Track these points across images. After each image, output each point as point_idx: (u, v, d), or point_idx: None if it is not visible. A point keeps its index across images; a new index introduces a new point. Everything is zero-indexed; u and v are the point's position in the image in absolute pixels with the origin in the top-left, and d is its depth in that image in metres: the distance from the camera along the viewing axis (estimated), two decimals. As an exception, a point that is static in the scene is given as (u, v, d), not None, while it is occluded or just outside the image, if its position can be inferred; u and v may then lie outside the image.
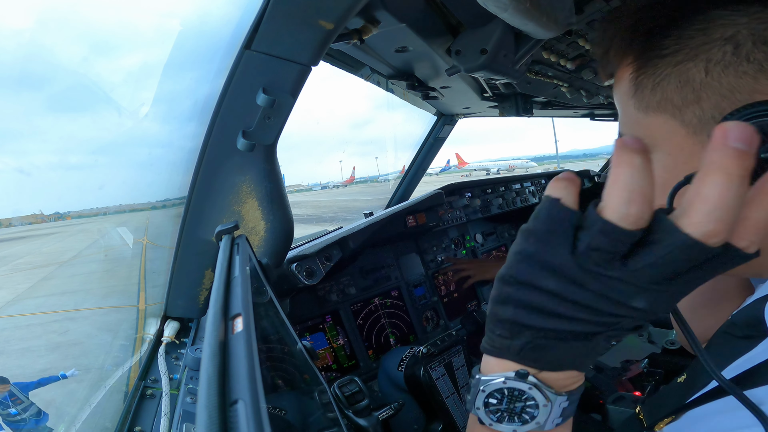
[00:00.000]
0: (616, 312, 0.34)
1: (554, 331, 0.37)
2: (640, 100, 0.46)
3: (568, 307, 0.35)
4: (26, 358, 3.93)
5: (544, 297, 0.36)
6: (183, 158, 0.93)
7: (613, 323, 0.35)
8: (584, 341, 0.37)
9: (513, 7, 0.66)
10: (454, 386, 1.25)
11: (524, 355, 0.39)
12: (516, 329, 0.39)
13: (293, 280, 1.15)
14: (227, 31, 0.80)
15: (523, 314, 0.38)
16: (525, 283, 0.37)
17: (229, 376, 0.30)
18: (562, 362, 0.39)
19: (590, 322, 0.36)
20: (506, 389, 0.40)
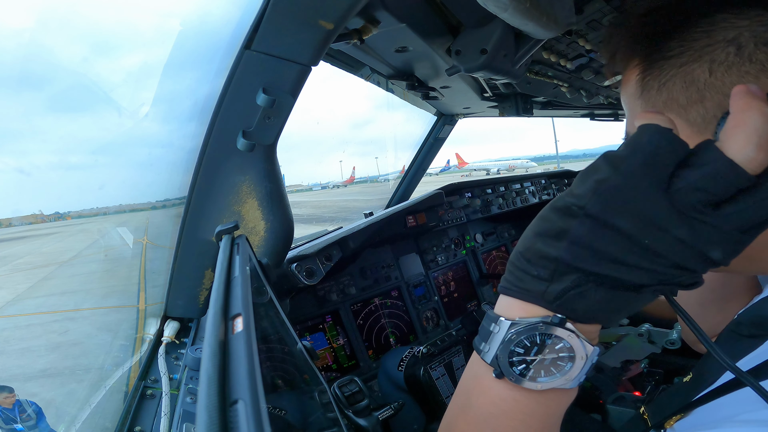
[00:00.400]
0: (686, 264, 0.32)
1: (608, 278, 0.34)
2: (647, 100, 0.47)
3: (637, 253, 0.33)
4: (26, 358, 3.93)
5: (614, 238, 0.33)
6: (183, 158, 0.93)
7: (675, 276, 0.33)
8: (633, 293, 0.34)
9: (513, 7, 0.66)
10: (454, 386, 1.25)
11: (562, 303, 0.36)
12: (562, 270, 0.35)
13: (293, 280, 1.15)
14: (227, 31, 0.80)
15: (579, 254, 0.34)
16: (595, 218, 0.33)
17: (229, 376, 0.30)
18: (597, 314, 0.36)
19: (653, 272, 0.33)
20: (539, 336, 0.36)
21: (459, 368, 1.29)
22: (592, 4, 1.02)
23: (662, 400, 0.59)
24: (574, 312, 0.36)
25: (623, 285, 0.34)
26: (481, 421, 0.41)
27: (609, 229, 0.33)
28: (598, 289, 0.35)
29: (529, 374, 0.37)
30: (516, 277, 0.39)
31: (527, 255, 0.38)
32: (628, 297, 0.35)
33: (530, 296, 0.37)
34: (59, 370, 3.55)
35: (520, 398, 0.39)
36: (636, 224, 0.32)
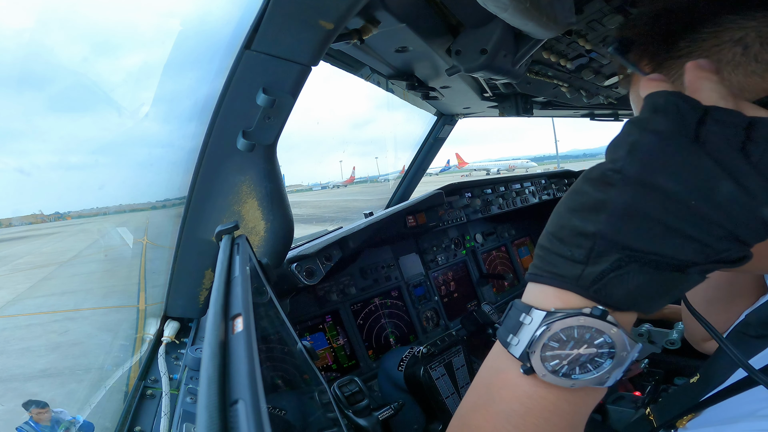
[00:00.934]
0: (738, 227, 0.30)
1: (654, 256, 0.31)
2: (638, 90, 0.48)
3: (686, 218, 0.30)
4: (26, 358, 3.93)
5: (660, 202, 0.31)
6: (183, 158, 0.93)
7: (724, 249, 0.31)
8: (679, 273, 0.32)
9: (513, 7, 0.66)
10: (454, 386, 1.25)
11: (600, 288, 0.33)
12: (600, 249, 0.32)
13: (293, 280, 1.15)
14: (227, 31, 0.80)
15: (621, 227, 0.31)
16: (636, 181, 0.31)
17: (230, 376, 0.30)
18: (638, 300, 0.33)
19: (704, 244, 0.31)
20: (577, 329, 0.33)
21: (459, 368, 1.29)
22: (592, 4, 1.02)
23: (668, 401, 0.59)
24: (612, 298, 0.33)
25: (670, 264, 0.31)
26: (503, 418, 0.38)
27: (653, 191, 0.31)
28: (642, 270, 0.32)
29: (563, 371, 0.35)
30: (547, 261, 0.36)
31: (560, 234, 0.35)
32: (674, 279, 0.32)
33: (564, 282, 0.34)
34: (59, 370, 3.55)
35: (549, 396, 0.36)
36: (680, 182, 0.30)
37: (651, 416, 0.61)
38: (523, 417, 0.37)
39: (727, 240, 0.31)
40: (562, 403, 0.37)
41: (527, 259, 2.39)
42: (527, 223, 2.47)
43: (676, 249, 0.31)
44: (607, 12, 1.08)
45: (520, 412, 0.38)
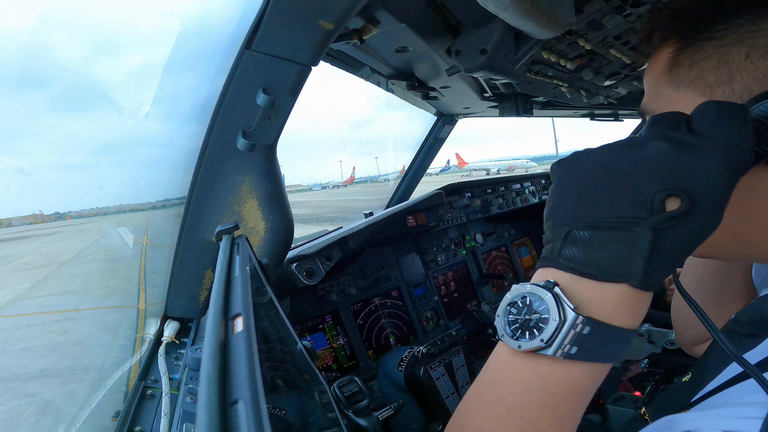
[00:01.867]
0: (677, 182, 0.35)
1: (591, 218, 0.37)
2: (674, 77, 0.49)
3: (609, 179, 0.37)
4: (26, 358, 3.93)
5: (582, 172, 0.39)
6: (183, 158, 0.93)
7: (655, 202, 0.35)
8: (623, 232, 0.36)
9: (513, 7, 0.66)
10: (454, 386, 1.25)
11: (563, 254, 0.38)
12: (557, 224, 0.39)
13: (293, 280, 1.14)
14: (227, 31, 0.80)
15: (561, 202, 0.39)
16: (565, 163, 0.41)
17: (230, 376, 0.30)
18: (602, 263, 0.36)
19: (631, 204, 0.36)
20: (528, 296, 0.39)
21: (459, 368, 1.29)
22: (592, 4, 1.02)
23: (662, 400, 0.60)
24: (576, 262, 0.37)
25: (611, 224, 0.36)
26: (489, 387, 0.42)
27: (576, 166, 0.40)
28: (589, 234, 0.37)
29: (517, 334, 0.39)
30: (543, 251, 0.42)
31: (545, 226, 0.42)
32: (625, 239, 0.36)
33: (545, 260, 0.40)
34: (59, 370, 3.55)
35: (518, 364, 0.40)
36: (602, 153, 0.39)
37: (646, 416, 0.62)
38: (502, 384, 0.41)
39: (665, 191, 0.35)
40: (531, 377, 0.39)
41: (527, 259, 2.39)
42: (527, 223, 2.47)
43: (608, 208, 0.37)
44: (607, 12, 1.08)
45: (501, 379, 0.41)
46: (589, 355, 0.38)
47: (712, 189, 0.35)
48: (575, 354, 0.37)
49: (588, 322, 0.36)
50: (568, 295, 0.37)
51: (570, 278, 0.38)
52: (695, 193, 0.35)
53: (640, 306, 0.38)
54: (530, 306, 0.38)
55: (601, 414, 1.19)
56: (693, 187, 0.35)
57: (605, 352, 0.38)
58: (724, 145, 0.36)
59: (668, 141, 0.36)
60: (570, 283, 0.38)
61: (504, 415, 0.40)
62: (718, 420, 0.37)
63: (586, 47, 1.22)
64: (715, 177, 0.35)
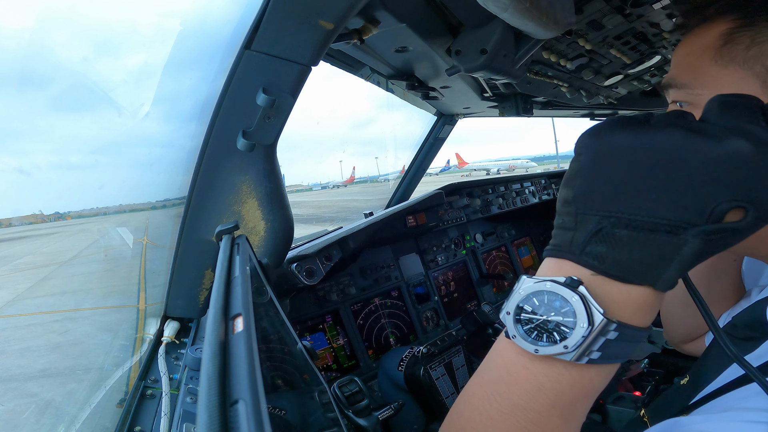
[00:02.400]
0: (747, 191, 0.29)
1: (631, 215, 0.31)
2: (725, 53, 0.46)
3: (665, 176, 0.30)
4: (26, 358, 3.93)
5: (637, 155, 0.31)
6: (183, 158, 0.93)
7: (716, 211, 0.29)
8: (668, 235, 0.30)
9: (513, 7, 0.66)
10: (454, 386, 1.25)
11: (589, 251, 0.33)
12: (583, 212, 0.33)
13: (293, 280, 1.14)
14: (227, 31, 0.80)
15: (592, 187, 0.32)
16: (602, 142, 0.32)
17: (230, 376, 0.30)
18: (634, 266, 0.32)
19: (685, 208, 0.29)
20: (547, 295, 0.34)
21: (459, 368, 1.29)
22: (592, 4, 1.02)
23: (661, 403, 0.60)
24: (604, 262, 0.32)
25: (654, 225, 0.31)
26: (492, 386, 0.39)
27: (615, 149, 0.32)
28: (627, 230, 0.31)
29: (533, 335, 0.35)
30: (553, 236, 0.37)
31: (558, 207, 0.36)
32: (666, 243, 0.31)
33: (560, 251, 0.35)
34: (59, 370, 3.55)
35: (529, 366, 0.36)
36: (672, 137, 0.31)
37: (645, 418, 0.62)
38: (509, 385, 0.37)
39: (732, 201, 0.29)
40: (542, 378, 0.36)
41: (527, 259, 2.39)
42: (527, 223, 2.47)
43: (654, 206, 0.31)
44: (607, 12, 1.08)
45: (507, 379, 0.38)
46: (610, 357, 0.34)
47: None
48: (597, 359, 0.34)
49: (617, 327, 0.33)
50: (599, 301, 0.33)
51: (593, 276, 0.33)
52: (766, 207, 0.30)
53: (657, 306, 0.35)
54: (549, 305, 0.34)
55: (601, 414, 1.19)
56: (761, 197, 0.30)
57: (624, 353, 0.35)
58: None
59: (752, 141, 0.30)
60: (593, 281, 0.33)
61: (510, 417, 0.37)
62: (724, 424, 0.36)
63: (586, 47, 1.22)
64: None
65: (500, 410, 0.37)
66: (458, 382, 1.27)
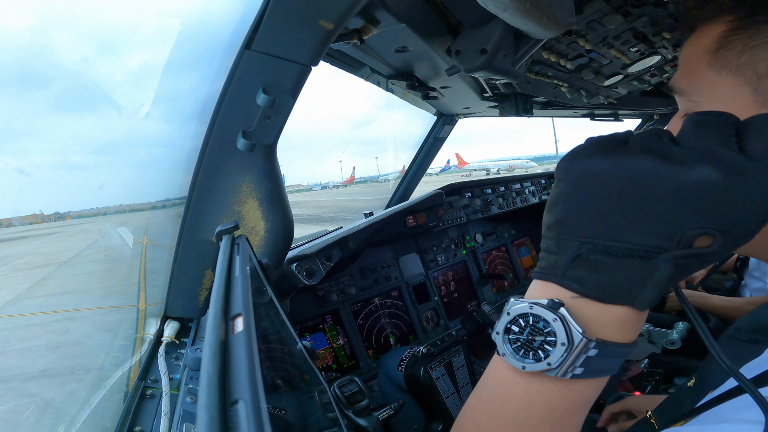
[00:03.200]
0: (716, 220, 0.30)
1: (606, 241, 0.33)
2: (719, 58, 0.45)
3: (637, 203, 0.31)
4: (26, 358, 3.93)
5: (600, 185, 0.33)
6: (183, 158, 0.93)
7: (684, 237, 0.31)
8: (641, 260, 0.32)
9: (513, 7, 0.66)
10: (454, 386, 1.25)
11: (569, 274, 0.35)
12: (564, 237, 0.35)
13: (293, 280, 1.14)
14: (227, 31, 0.80)
15: (572, 214, 0.34)
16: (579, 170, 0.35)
17: (230, 376, 0.30)
18: (611, 288, 0.34)
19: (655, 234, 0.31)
20: (531, 317, 0.36)
21: (459, 368, 1.29)
22: (592, 4, 1.02)
23: (668, 405, 0.60)
24: (584, 285, 0.35)
25: (628, 251, 0.33)
26: (488, 401, 0.41)
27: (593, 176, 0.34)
28: (603, 256, 0.33)
29: (520, 354, 0.37)
30: (540, 257, 0.39)
31: (543, 231, 0.38)
32: (640, 267, 0.33)
33: (545, 274, 0.37)
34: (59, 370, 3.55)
35: (521, 381, 0.39)
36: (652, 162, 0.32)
37: (652, 419, 0.62)
38: (503, 400, 0.40)
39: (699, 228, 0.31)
40: (533, 393, 0.38)
41: (527, 259, 2.39)
42: (527, 223, 2.47)
43: (628, 232, 0.32)
44: (607, 12, 1.08)
45: (501, 394, 0.40)
46: (594, 372, 0.37)
47: (753, 228, 0.31)
48: (581, 374, 0.36)
49: (598, 345, 0.35)
50: (572, 315, 0.35)
51: (574, 299, 0.36)
52: (734, 234, 0.31)
53: (640, 322, 0.38)
54: (533, 326, 0.37)
55: (601, 414, 1.19)
56: (734, 228, 0.30)
57: (608, 368, 0.38)
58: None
59: (719, 168, 0.30)
60: (574, 302, 0.36)
61: (505, 430, 0.39)
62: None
63: (586, 47, 1.22)
64: (757, 214, 0.30)
65: (496, 425, 0.40)
66: (458, 382, 1.27)
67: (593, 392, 0.39)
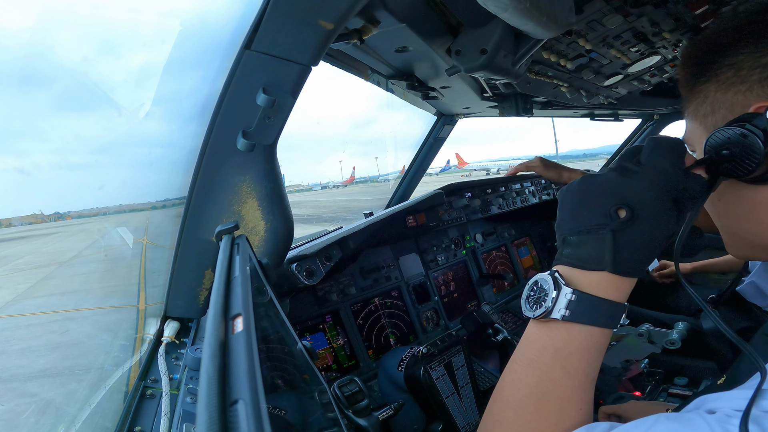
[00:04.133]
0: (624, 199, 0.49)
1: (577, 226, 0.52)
2: (685, 110, 0.63)
3: (589, 199, 0.52)
4: (26, 358, 3.93)
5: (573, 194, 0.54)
6: (183, 158, 0.93)
7: (611, 212, 0.49)
8: (595, 235, 0.50)
9: (513, 7, 0.66)
10: (454, 386, 1.25)
11: (564, 255, 0.53)
12: (560, 233, 0.54)
13: (293, 280, 1.14)
14: (227, 31, 0.80)
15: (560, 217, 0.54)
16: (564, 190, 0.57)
17: (230, 376, 0.30)
18: (585, 256, 0.51)
19: (598, 215, 0.50)
20: (539, 281, 0.54)
21: (459, 368, 1.29)
22: (592, 4, 1.02)
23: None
24: (570, 257, 0.52)
25: (585, 229, 0.51)
26: (518, 350, 0.56)
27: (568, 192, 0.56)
28: (573, 237, 0.53)
29: (532, 307, 0.53)
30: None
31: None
32: (594, 239, 0.51)
33: (555, 260, 0.55)
34: (59, 370, 3.55)
35: (536, 330, 0.54)
36: (584, 183, 0.55)
37: None
38: (527, 347, 0.55)
39: (616, 205, 0.50)
40: (544, 338, 0.53)
41: (527, 259, 2.39)
42: (527, 223, 2.47)
43: (586, 219, 0.52)
44: (607, 12, 1.08)
45: (525, 344, 0.55)
46: (580, 317, 0.50)
47: (644, 202, 0.49)
48: (569, 316, 0.50)
49: (575, 292, 0.50)
50: (566, 280, 0.51)
51: (568, 269, 0.52)
52: (634, 205, 0.49)
53: (620, 286, 0.51)
54: (540, 287, 0.53)
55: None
56: (632, 201, 0.49)
57: (593, 316, 0.50)
58: (652, 172, 0.50)
59: (618, 170, 0.52)
60: (567, 271, 0.52)
61: (527, 367, 0.54)
62: (733, 401, 0.45)
63: (586, 47, 1.22)
64: (644, 194, 0.49)
65: (521, 365, 0.55)
66: (458, 382, 1.27)
67: (591, 339, 0.51)
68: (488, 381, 1.44)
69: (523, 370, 0.54)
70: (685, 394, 1.40)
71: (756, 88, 0.51)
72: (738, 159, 0.50)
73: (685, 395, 1.40)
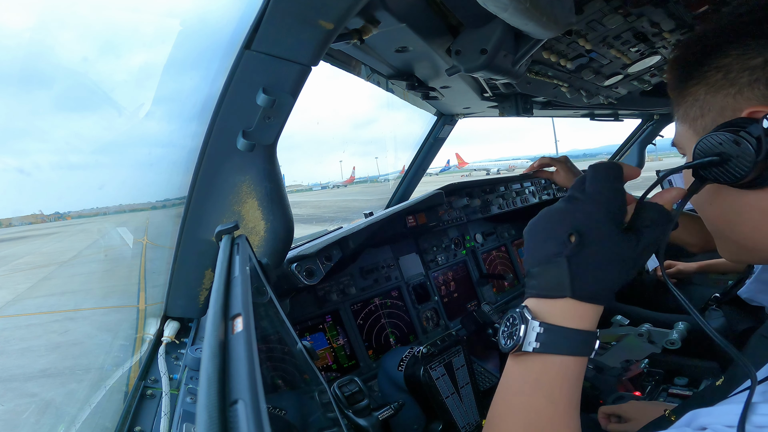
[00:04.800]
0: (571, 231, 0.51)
1: (537, 258, 0.53)
2: (675, 114, 0.62)
3: (543, 231, 0.55)
4: (26, 358, 3.94)
5: (534, 227, 0.56)
6: (183, 158, 0.93)
7: (564, 239, 0.51)
8: (553, 263, 0.51)
9: (513, 7, 0.66)
10: (454, 386, 1.25)
11: (529, 287, 0.54)
12: (526, 266, 0.55)
13: (293, 280, 1.14)
14: (227, 31, 0.80)
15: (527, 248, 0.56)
16: (529, 225, 0.58)
17: (229, 376, 0.30)
18: (545, 285, 0.52)
19: (553, 244, 0.52)
20: (510, 317, 0.55)
21: (459, 368, 1.29)
22: (592, 4, 1.02)
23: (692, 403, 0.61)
24: (535, 289, 0.53)
25: (544, 259, 0.52)
26: (501, 383, 0.57)
27: (534, 223, 0.58)
28: (535, 268, 0.54)
29: (506, 342, 0.54)
30: None
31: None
32: (553, 267, 0.51)
33: (526, 295, 0.56)
34: (59, 370, 3.56)
35: (514, 363, 0.55)
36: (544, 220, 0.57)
37: (672, 417, 0.63)
38: (508, 381, 0.55)
39: (567, 232, 0.51)
40: (523, 371, 0.53)
41: (527, 259, 2.39)
42: (527, 223, 2.46)
43: (544, 249, 0.53)
44: (607, 12, 1.08)
45: (507, 377, 0.56)
46: (550, 347, 0.50)
47: (590, 225, 0.50)
48: (540, 348, 0.51)
49: (542, 324, 0.51)
50: (534, 312, 0.52)
51: (535, 301, 0.53)
52: (582, 229, 0.50)
53: (584, 313, 0.51)
54: (512, 322, 0.55)
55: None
56: (579, 226, 0.50)
57: (562, 346, 0.50)
58: (595, 196, 0.52)
59: (567, 199, 0.54)
60: (535, 303, 0.53)
61: (512, 398, 0.54)
62: (724, 416, 0.44)
63: (586, 47, 1.22)
64: (589, 217, 0.51)
65: (505, 397, 0.56)
66: (458, 382, 1.27)
67: (568, 368, 0.51)
68: (488, 381, 1.45)
69: (508, 401, 0.55)
70: (685, 394, 1.40)
71: (746, 91, 0.50)
72: (729, 165, 0.49)
73: (685, 395, 1.40)
